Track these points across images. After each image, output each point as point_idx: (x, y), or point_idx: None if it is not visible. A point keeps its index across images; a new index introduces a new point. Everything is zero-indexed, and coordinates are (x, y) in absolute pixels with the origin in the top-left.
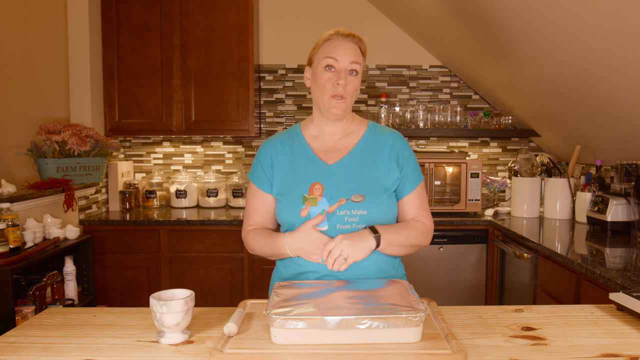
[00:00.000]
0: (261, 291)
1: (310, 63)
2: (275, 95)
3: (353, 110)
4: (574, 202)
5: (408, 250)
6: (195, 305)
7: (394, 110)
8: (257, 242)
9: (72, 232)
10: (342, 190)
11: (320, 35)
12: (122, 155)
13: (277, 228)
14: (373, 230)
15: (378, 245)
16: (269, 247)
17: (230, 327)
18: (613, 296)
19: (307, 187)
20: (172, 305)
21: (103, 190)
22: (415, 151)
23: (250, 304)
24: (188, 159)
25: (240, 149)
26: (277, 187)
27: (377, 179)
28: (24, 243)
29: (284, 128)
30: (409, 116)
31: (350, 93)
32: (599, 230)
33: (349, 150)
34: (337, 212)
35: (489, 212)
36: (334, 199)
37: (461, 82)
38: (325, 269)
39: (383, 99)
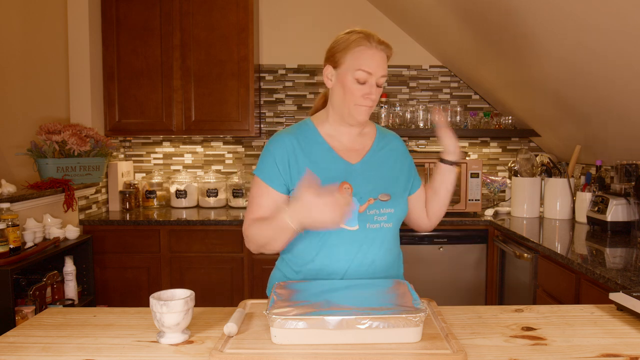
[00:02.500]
0: (261, 291)
1: (335, 64)
2: (275, 95)
3: None
4: (574, 202)
5: (448, 201)
6: (195, 305)
7: (394, 110)
8: (256, 226)
9: (72, 232)
10: (369, 189)
11: (348, 36)
12: (122, 155)
13: None
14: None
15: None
16: (271, 225)
17: (230, 327)
18: (613, 296)
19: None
20: (172, 305)
21: (103, 190)
22: (415, 151)
23: (250, 304)
24: (188, 159)
25: (240, 149)
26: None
27: (396, 178)
28: (24, 243)
29: (283, 128)
30: (409, 116)
31: (375, 100)
32: (599, 230)
33: (366, 150)
34: (367, 212)
35: (489, 212)
36: (362, 198)
37: (461, 82)
38: (342, 269)
39: (383, 99)
